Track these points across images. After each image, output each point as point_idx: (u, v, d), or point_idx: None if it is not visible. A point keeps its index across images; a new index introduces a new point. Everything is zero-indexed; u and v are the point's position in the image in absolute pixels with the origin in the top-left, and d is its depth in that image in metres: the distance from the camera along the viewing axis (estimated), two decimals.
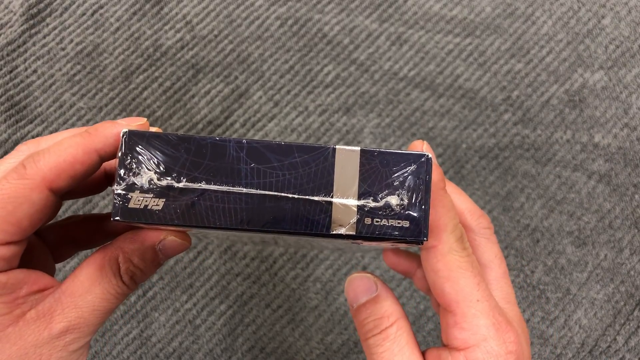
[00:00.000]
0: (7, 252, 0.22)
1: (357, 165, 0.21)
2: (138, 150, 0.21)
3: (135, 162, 0.21)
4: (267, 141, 0.21)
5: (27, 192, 0.21)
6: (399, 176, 0.21)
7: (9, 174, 0.22)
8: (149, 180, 0.21)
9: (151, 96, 0.56)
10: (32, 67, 0.58)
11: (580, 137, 0.52)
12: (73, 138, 0.23)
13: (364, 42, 0.57)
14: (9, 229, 0.21)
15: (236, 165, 0.21)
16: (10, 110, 0.56)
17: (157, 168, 0.21)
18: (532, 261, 0.48)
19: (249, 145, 0.21)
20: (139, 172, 0.21)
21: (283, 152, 0.21)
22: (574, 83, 0.54)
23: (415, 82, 0.55)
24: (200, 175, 0.21)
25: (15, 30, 0.59)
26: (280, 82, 0.56)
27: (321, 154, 0.21)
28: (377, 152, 0.21)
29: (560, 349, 0.46)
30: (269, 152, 0.21)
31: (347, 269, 0.49)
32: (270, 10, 0.59)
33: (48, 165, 0.22)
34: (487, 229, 0.28)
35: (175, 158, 0.21)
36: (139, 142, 0.21)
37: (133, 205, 0.21)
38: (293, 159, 0.21)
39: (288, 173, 0.21)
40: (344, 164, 0.21)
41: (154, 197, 0.21)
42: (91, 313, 0.23)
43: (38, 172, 0.22)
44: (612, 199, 0.50)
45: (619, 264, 0.48)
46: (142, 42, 0.58)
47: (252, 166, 0.21)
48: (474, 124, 0.53)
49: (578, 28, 0.56)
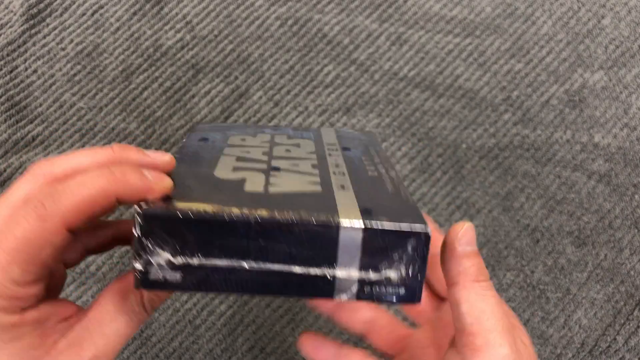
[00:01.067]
0: (35, 290, 0.23)
1: (359, 240, 0.22)
2: (154, 232, 0.22)
3: (151, 242, 0.22)
4: (275, 220, 0.22)
5: (49, 235, 0.22)
6: (398, 250, 0.23)
7: (28, 212, 0.22)
8: (166, 259, 0.22)
9: (151, 96, 0.56)
10: (32, 67, 0.58)
11: (580, 137, 0.52)
12: (96, 179, 0.22)
13: (364, 42, 0.57)
14: (34, 270, 0.22)
15: (246, 243, 0.22)
16: (10, 110, 0.56)
17: (172, 248, 0.22)
18: (532, 261, 0.48)
19: (257, 226, 0.22)
20: (156, 252, 0.22)
21: (290, 230, 0.22)
22: (573, 83, 0.54)
23: (415, 82, 0.55)
24: (213, 253, 0.23)
25: (16, 30, 0.59)
26: (280, 82, 0.56)
27: (326, 230, 0.22)
28: (380, 231, 0.22)
29: (560, 348, 0.46)
30: (276, 231, 0.22)
31: None
32: (271, 11, 0.59)
33: (68, 207, 0.22)
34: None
35: (189, 238, 0.22)
36: (154, 225, 0.22)
37: (153, 278, 0.23)
38: (299, 237, 0.22)
39: (294, 249, 0.22)
40: (347, 240, 0.22)
41: (172, 271, 0.23)
42: (116, 340, 0.24)
43: (58, 214, 0.22)
44: (612, 199, 0.50)
45: (619, 264, 0.48)
46: (142, 42, 0.58)
47: (261, 244, 0.22)
48: (474, 124, 0.53)
49: (578, 28, 0.56)
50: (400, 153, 0.52)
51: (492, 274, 0.48)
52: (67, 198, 0.22)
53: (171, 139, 0.54)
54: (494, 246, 0.49)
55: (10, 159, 0.55)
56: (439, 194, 0.51)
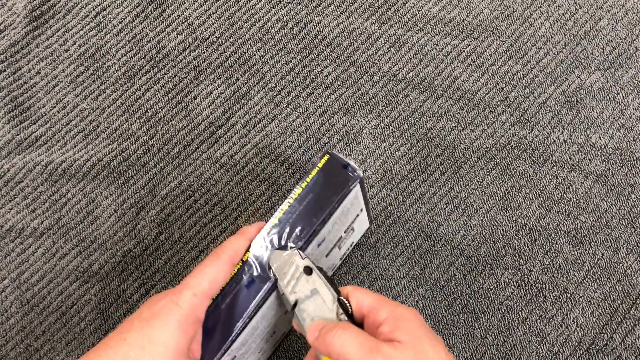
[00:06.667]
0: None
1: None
2: None
3: None
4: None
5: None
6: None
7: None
8: None
9: (153, 97, 0.57)
10: (36, 68, 0.59)
11: (577, 138, 0.52)
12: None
13: (363, 44, 0.57)
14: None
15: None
16: (14, 111, 0.57)
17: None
18: (529, 260, 0.49)
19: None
20: None
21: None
22: (571, 84, 0.54)
23: (414, 84, 0.55)
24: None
25: (19, 31, 0.60)
26: (281, 83, 0.56)
27: None
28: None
29: (557, 347, 0.46)
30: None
31: (347, 268, 0.49)
32: (271, 13, 0.59)
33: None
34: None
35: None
36: None
37: None
38: None
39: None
40: None
41: None
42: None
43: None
44: (608, 199, 0.50)
45: (616, 263, 0.48)
46: (144, 44, 0.59)
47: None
48: (472, 125, 0.54)
49: (575, 30, 0.57)
50: (399, 153, 0.53)
51: (490, 273, 0.49)
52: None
53: (173, 140, 0.55)
54: (492, 245, 0.49)
55: (14, 159, 0.55)
56: (438, 193, 0.51)
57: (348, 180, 0.39)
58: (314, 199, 0.38)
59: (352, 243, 0.48)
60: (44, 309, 0.50)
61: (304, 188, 0.38)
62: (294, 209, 0.38)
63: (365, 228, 0.49)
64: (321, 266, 0.39)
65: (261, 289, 0.36)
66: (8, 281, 0.51)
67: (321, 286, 0.34)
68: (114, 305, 0.49)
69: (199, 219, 0.52)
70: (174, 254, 0.51)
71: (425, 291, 0.48)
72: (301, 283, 0.34)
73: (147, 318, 0.32)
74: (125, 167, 0.54)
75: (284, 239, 0.37)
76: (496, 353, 0.46)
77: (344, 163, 0.39)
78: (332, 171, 0.39)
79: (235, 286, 0.36)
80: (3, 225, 0.53)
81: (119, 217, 0.52)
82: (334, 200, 0.38)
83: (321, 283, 0.34)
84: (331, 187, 0.38)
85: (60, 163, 0.54)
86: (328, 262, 0.44)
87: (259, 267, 0.36)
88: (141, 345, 0.31)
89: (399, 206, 0.51)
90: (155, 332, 0.31)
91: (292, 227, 0.37)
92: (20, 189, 0.54)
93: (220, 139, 0.55)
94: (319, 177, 0.39)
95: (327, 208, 0.38)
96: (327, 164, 0.39)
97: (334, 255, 0.45)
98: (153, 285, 0.50)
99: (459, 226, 0.50)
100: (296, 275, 0.35)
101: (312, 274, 0.35)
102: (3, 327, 0.49)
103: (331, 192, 0.38)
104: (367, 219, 0.47)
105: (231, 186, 0.53)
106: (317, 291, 0.34)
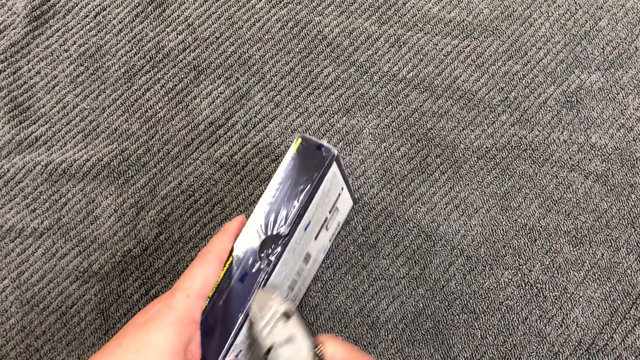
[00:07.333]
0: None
1: None
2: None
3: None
4: None
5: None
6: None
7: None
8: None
9: (153, 97, 0.57)
10: (36, 68, 0.59)
11: (577, 138, 0.52)
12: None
13: (363, 44, 0.57)
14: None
15: None
16: (14, 111, 0.57)
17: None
18: (529, 260, 0.49)
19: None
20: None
21: None
22: (571, 84, 0.54)
23: (414, 84, 0.55)
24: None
25: (19, 31, 0.60)
26: (281, 83, 0.56)
27: None
28: None
29: (557, 347, 0.46)
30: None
31: (347, 268, 0.49)
32: (271, 13, 0.59)
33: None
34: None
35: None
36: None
37: None
38: None
39: None
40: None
41: None
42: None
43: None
44: (608, 199, 0.50)
45: (616, 263, 0.48)
46: (144, 44, 0.59)
47: None
48: (472, 125, 0.54)
49: (575, 30, 0.57)
50: (399, 153, 0.53)
51: (490, 273, 0.49)
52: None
53: (173, 140, 0.55)
54: (492, 245, 0.49)
55: (14, 159, 0.55)
56: (438, 193, 0.51)
57: (324, 160, 0.39)
58: (293, 183, 0.38)
59: (338, 223, 0.48)
60: (44, 309, 0.50)
61: (282, 173, 0.39)
62: (275, 195, 0.38)
63: (350, 206, 0.49)
64: (307, 275, 0.40)
65: (255, 281, 0.36)
66: (8, 281, 0.51)
67: (298, 333, 0.34)
68: (114, 305, 0.49)
69: (199, 219, 0.52)
70: (174, 254, 0.51)
71: (425, 291, 0.48)
72: (278, 328, 0.34)
73: (141, 323, 0.32)
74: (125, 167, 0.54)
75: (270, 226, 0.38)
76: (496, 353, 0.46)
77: (317, 144, 0.39)
78: (307, 154, 0.39)
79: (229, 283, 0.36)
80: (3, 225, 0.53)
81: (119, 217, 0.52)
82: (314, 181, 0.38)
83: (298, 330, 0.34)
84: (308, 168, 0.39)
85: (60, 163, 0.54)
86: (318, 244, 0.45)
87: (249, 260, 0.37)
88: (136, 349, 0.31)
89: (399, 206, 0.51)
90: (150, 336, 0.31)
91: (276, 214, 0.38)
92: (20, 189, 0.54)
93: (220, 139, 0.55)
94: (294, 161, 0.39)
95: (307, 190, 0.38)
96: (301, 147, 0.39)
97: (323, 236, 0.45)
98: (153, 285, 0.50)
99: (459, 226, 0.50)
100: (274, 319, 0.35)
101: (290, 320, 0.35)
102: (3, 327, 0.49)
103: (309, 174, 0.39)
104: (350, 197, 0.47)
105: (231, 186, 0.53)
106: (294, 338, 0.34)
